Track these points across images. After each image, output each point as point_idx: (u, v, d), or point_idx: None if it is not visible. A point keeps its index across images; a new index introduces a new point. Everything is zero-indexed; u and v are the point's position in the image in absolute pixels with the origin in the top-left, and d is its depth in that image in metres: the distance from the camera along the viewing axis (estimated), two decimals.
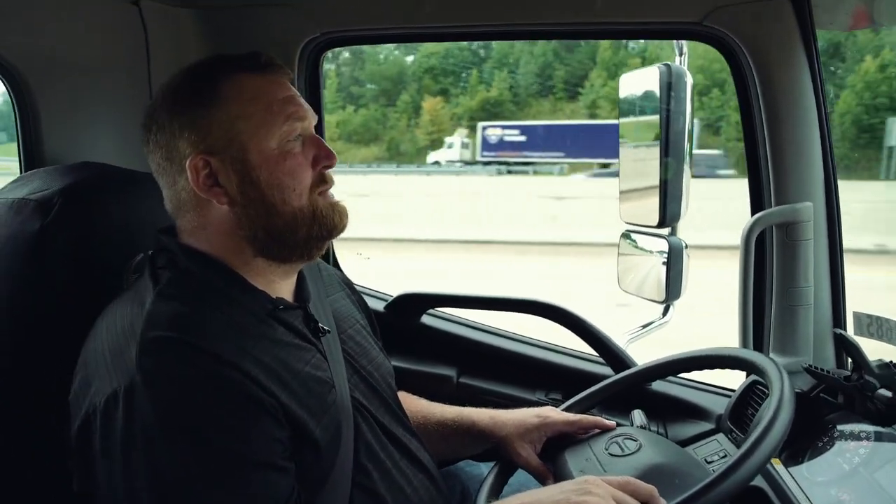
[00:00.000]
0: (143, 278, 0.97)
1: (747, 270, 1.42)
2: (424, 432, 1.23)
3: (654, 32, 1.53)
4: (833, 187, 1.40)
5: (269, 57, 1.00)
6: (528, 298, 1.64)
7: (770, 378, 1.02)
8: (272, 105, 0.97)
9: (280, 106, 0.97)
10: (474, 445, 1.26)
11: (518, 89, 18.69)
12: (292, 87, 1.02)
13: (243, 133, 0.95)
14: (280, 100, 0.98)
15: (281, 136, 0.96)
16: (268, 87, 0.98)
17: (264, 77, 0.99)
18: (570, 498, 0.90)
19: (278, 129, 0.96)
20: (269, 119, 0.96)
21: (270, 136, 0.96)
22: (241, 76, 0.97)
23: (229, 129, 0.95)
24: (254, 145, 0.95)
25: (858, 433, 1.15)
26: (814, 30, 1.35)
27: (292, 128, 0.97)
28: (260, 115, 0.96)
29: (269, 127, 0.96)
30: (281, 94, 0.98)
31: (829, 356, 1.44)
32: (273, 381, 0.89)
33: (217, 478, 0.82)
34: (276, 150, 0.96)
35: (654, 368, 1.25)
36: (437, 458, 1.21)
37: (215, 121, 0.95)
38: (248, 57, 0.99)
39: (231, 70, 0.98)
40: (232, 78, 0.97)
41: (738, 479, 0.87)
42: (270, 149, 0.96)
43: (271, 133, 0.96)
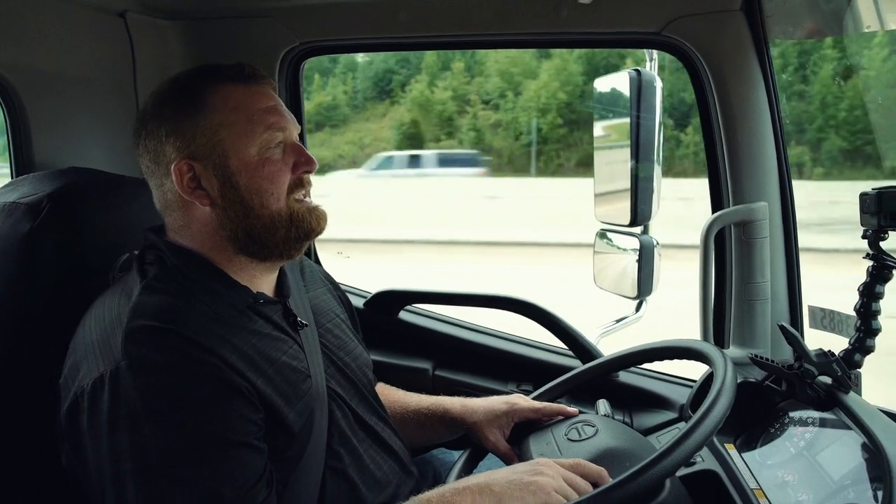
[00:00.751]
0: (131, 273, 1.03)
1: (707, 267, 1.49)
2: (402, 421, 1.30)
3: (617, 42, 1.60)
4: (787, 187, 1.48)
5: (252, 68, 1.07)
6: (502, 295, 1.71)
7: (715, 365, 1.09)
8: (253, 115, 1.03)
9: (261, 116, 1.03)
10: (448, 432, 1.32)
11: (357, 94, 18.98)
12: (276, 97, 1.08)
13: (225, 140, 1.02)
14: (261, 110, 1.04)
15: (261, 144, 1.03)
16: (250, 97, 1.04)
17: (248, 87, 1.05)
18: (521, 478, 0.96)
19: (258, 137, 1.02)
20: (249, 128, 1.02)
21: (251, 144, 1.02)
22: (225, 86, 1.04)
23: (212, 136, 1.01)
24: (234, 152, 1.02)
25: (805, 419, 1.22)
26: (766, 40, 1.43)
27: (272, 136, 1.03)
28: (241, 124, 1.02)
29: (250, 135, 1.02)
30: (263, 105, 1.05)
31: (786, 348, 1.50)
32: (249, 367, 0.95)
33: (195, 456, 0.88)
34: (255, 157, 1.02)
35: (617, 360, 1.32)
36: (413, 445, 1.28)
37: (199, 128, 1.01)
38: (232, 68, 1.05)
39: (216, 80, 1.04)
40: (216, 88, 1.03)
41: (679, 456, 0.93)
42: (250, 155, 1.02)
43: (252, 141, 1.02)
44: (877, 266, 1.12)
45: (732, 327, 1.52)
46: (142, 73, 1.55)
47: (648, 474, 0.92)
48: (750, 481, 1.16)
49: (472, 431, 1.27)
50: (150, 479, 0.87)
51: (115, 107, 1.51)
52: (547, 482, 0.95)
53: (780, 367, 1.21)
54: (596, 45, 1.67)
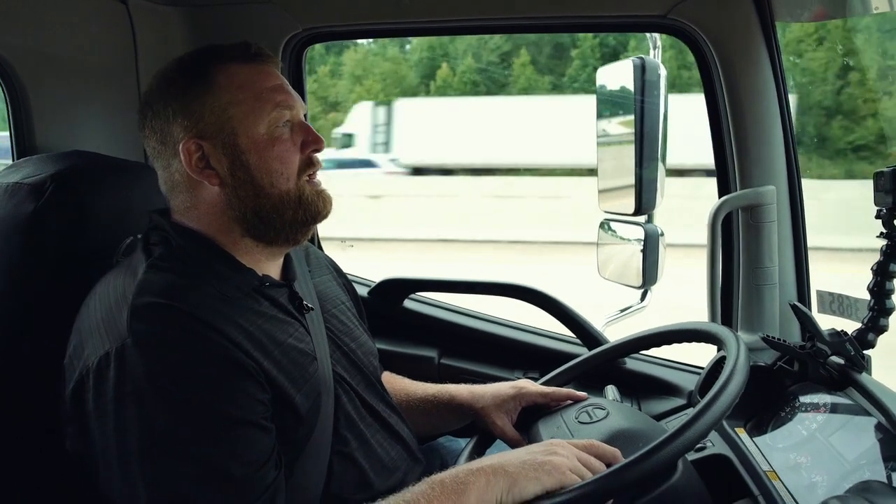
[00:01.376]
0: (136, 253, 1.02)
1: (714, 251, 1.48)
2: (408, 409, 1.29)
3: (622, 25, 1.59)
4: (795, 171, 1.47)
5: (258, 47, 1.06)
6: (507, 282, 1.70)
7: (727, 345, 1.07)
8: (261, 93, 1.02)
9: (269, 94, 1.03)
10: (455, 419, 1.31)
11: None
12: (281, 76, 1.07)
13: (234, 119, 1.01)
14: (269, 88, 1.03)
15: (270, 122, 1.02)
16: (257, 75, 1.04)
17: (254, 66, 1.04)
18: (535, 458, 0.95)
19: (267, 115, 1.02)
20: (258, 106, 1.02)
21: (259, 122, 1.02)
22: (231, 65, 1.03)
23: (221, 114, 1.01)
24: (243, 130, 1.01)
25: (817, 402, 1.21)
26: (773, 22, 1.42)
27: (280, 115, 1.03)
28: (249, 102, 1.01)
29: (259, 113, 1.02)
30: (270, 83, 1.04)
31: (795, 332, 1.50)
32: (256, 348, 0.94)
33: (202, 433, 0.86)
34: (265, 136, 1.02)
35: (626, 344, 1.30)
36: (420, 433, 1.27)
37: (207, 107, 1.01)
38: (238, 47, 1.05)
39: (222, 59, 1.03)
40: (223, 67, 1.03)
41: (692, 435, 0.92)
42: (260, 134, 1.02)
43: (260, 119, 1.02)
44: (891, 245, 1.11)
45: (740, 312, 1.51)
46: (143, 60, 1.53)
47: (662, 453, 0.90)
48: (763, 464, 1.15)
49: (480, 417, 1.25)
50: (157, 456, 0.85)
51: (116, 92, 1.50)
52: (562, 462, 0.93)
53: (792, 347, 1.20)
54: (600, 28, 1.67)
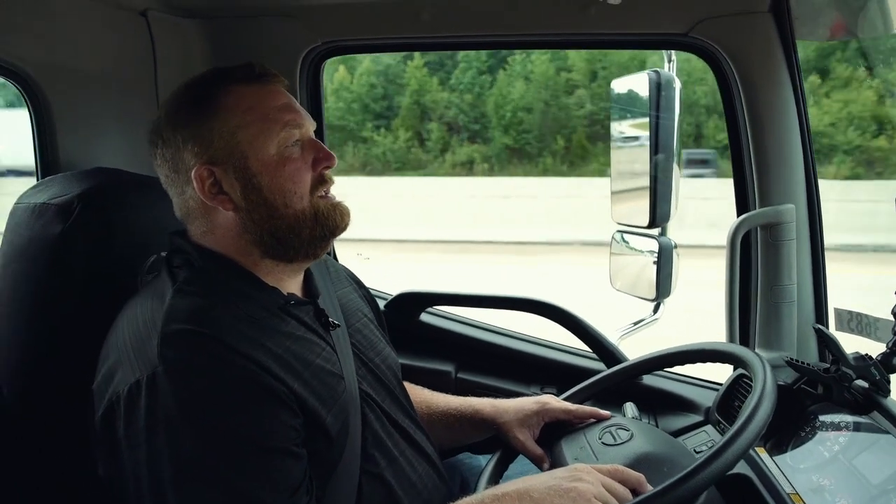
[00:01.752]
0: (161, 276, 1.02)
1: (733, 269, 1.49)
2: (429, 421, 1.28)
3: (643, 43, 1.59)
4: (814, 190, 1.47)
5: (262, 67, 1.06)
6: (525, 297, 1.70)
7: (754, 370, 1.08)
8: (269, 113, 1.02)
9: (276, 114, 1.02)
10: (477, 433, 1.31)
11: None
12: (288, 94, 1.07)
13: (243, 142, 1.01)
14: (276, 108, 1.03)
15: (279, 142, 1.02)
16: (264, 96, 1.03)
17: (260, 87, 1.04)
18: (561, 484, 0.95)
19: (276, 135, 1.02)
20: (266, 127, 1.01)
21: (269, 144, 1.01)
22: (237, 87, 1.03)
23: (229, 139, 1.00)
24: (253, 153, 1.01)
25: (838, 423, 1.21)
26: (794, 41, 1.42)
27: (290, 134, 1.03)
28: (257, 123, 1.01)
29: (267, 135, 1.01)
30: (277, 103, 1.04)
31: (812, 351, 1.51)
32: (286, 371, 0.94)
33: (234, 462, 0.87)
34: (275, 157, 1.02)
35: (647, 362, 1.31)
36: (440, 447, 1.26)
37: (216, 132, 1.00)
38: (242, 69, 1.04)
39: (227, 82, 1.03)
40: (229, 90, 1.02)
41: (722, 464, 0.92)
42: (270, 155, 1.01)
43: (269, 140, 1.01)
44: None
45: (758, 330, 1.51)
46: (162, 72, 1.53)
47: (692, 482, 0.91)
48: (785, 486, 1.15)
49: (502, 432, 1.25)
50: (189, 485, 0.85)
51: (136, 105, 1.50)
52: (587, 489, 0.93)
53: (816, 370, 1.20)
54: (622, 46, 1.66)
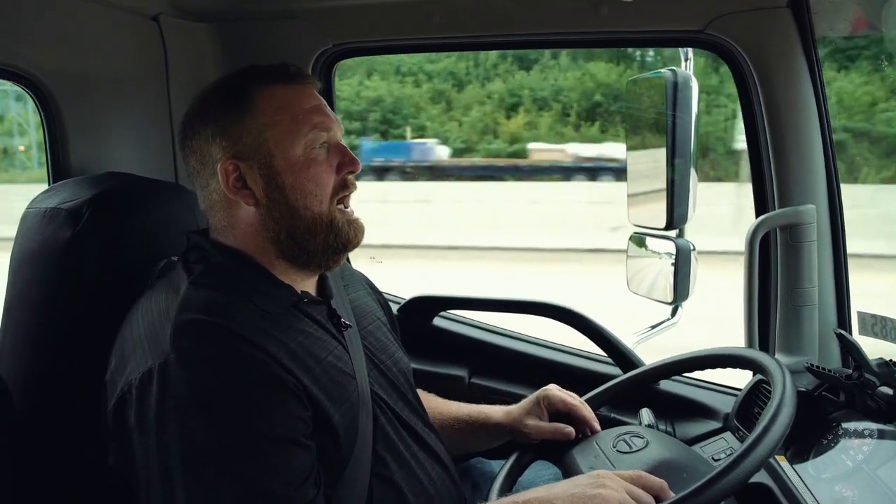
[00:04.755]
0: (177, 271, 1.03)
1: (752, 272, 1.45)
2: (440, 428, 1.27)
3: (659, 41, 1.57)
4: (835, 190, 1.43)
5: (297, 68, 1.07)
6: (538, 300, 1.68)
7: (773, 376, 1.05)
8: (299, 115, 1.03)
9: (306, 115, 1.03)
10: (489, 439, 1.30)
11: None
12: (319, 96, 1.08)
13: (270, 140, 1.02)
14: (306, 109, 1.04)
15: (306, 143, 1.02)
16: (295, 97, 1.04)
17: (292, 87, 1.05)
18: (584, 491, 0.93)
19: (303, 137, 1.02)
20: (294, 128, 1.02)
21: (296, 144, 1.02)
22: (270, 87, 1.03)
23: (258, 136, 1.01)
24: (280, 152, 1.02)
25: (862, 431, 1.17)
26: (814, 37, 1.38)
27: (317, 136, 1.03)
28: (286, 123, 1.02)
29: (295, 135, 1.02)
30: (307, 105, 1.04)
31: (834, 355, 1.47)
32: (297, 365, 0.94)
33: (243, 451, 0.87)
34: (301, 157, 1.02)
35: (665, 367, 1.28)
36: (452, 453, 1.25)
37: (245, 128, 1.01)
38: (277, 68, 1.05)
39: (261, 81, 1.04)
40: (262, 88, 1.03)
41: (742, 472, 0.90)
42: (296, 156, 1.02)
43: (297, 141, 1.02)
44: None
45: (778, 334, 1.48)
46: (174, 77, 1.54)
47: (715, 488, 0.89)
48: (806, 496, 1.12)
49: (514, 431, 1.25)
50: (199, 473, 0.86)
51: (147, 110, 1.51)
52: (611, 495, 0.92)
53: (838, 377, 1.16)
54: (636, 44, 1.64)
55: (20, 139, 11.24)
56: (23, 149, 10.71)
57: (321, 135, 1.03)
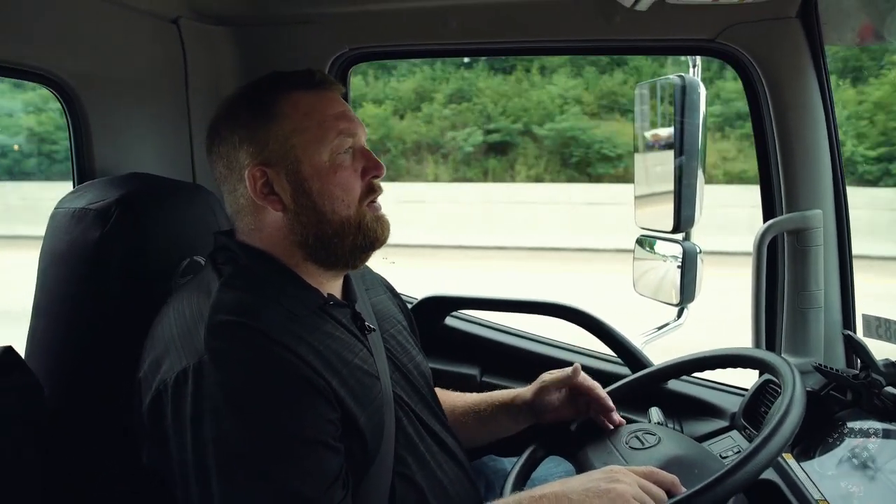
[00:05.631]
0: (207, 272, 1.05)
1: (759, 275, 1.48)
2: (463, 418, 1.31)
3: (670, 49, 1.60)
4: (842, 195, 1.47)
5: (322, 74, 1.08)
6: (549, 301, 1.70)
7: (783, 376, 1.08)
8: (325, 121, 1.04)
9: (332, 122, 1.05)
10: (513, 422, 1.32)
11: None
12: (344, 102, 1.10)
13: (297, 147, 1.03)
14: (332, 115, 1.05)
15: (332, 149, 1.04)
16: (321, 103, 1.06)
17: (318, 94, 1.07)
18: (598, 485, 0.96)
19: (329, 143, 1.04)
20: (321, 134, 1.04)
21: (322, 150, 1.04)
22: (296, 93, 1.05)
23: (285, 142, 1.03)
24: (306, 158, 1.03)
25: (867, 429, 1.20)
26: (822, 46, 1.42)
27: (343, 142, 1.05)
28: (313, 130, 1.04)
29: (322, 141, 1.04)
30: (333, 111, 1.06)
31: (840, 357, 1.50)
32: (325, 367, 0.96)
33: (275, 453, 0.89)
34: (327, 163, 1.04)
35: (675, 366, 1.31)
36: (474, 443, 1.30)
37: (272, 135, 1.03)
38: (302, 74, 1.07)
39: (287, 87, 1.06)
40: (288, 95, 1.05)
41: (752, 469, 0.93)
42: (322, 161, 1.04)
43: (323, 147, 1.04)
44: None
45: (785, 335, 1.51)
46: (193, 79, 1.56)
47: (726, 484, 0.91)
48: (813, 492, 1.15)
49: (537, 407, 1.27)
50: (232, 474, 0.88)
51: (167, 112, 1.53)
52: (625, 489, 0.94)
53: (846, 376, 1.20)
54: (648, 52, 1.67)
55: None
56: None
57: (347, 140, 1.05)
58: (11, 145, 9.13)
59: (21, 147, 9.17)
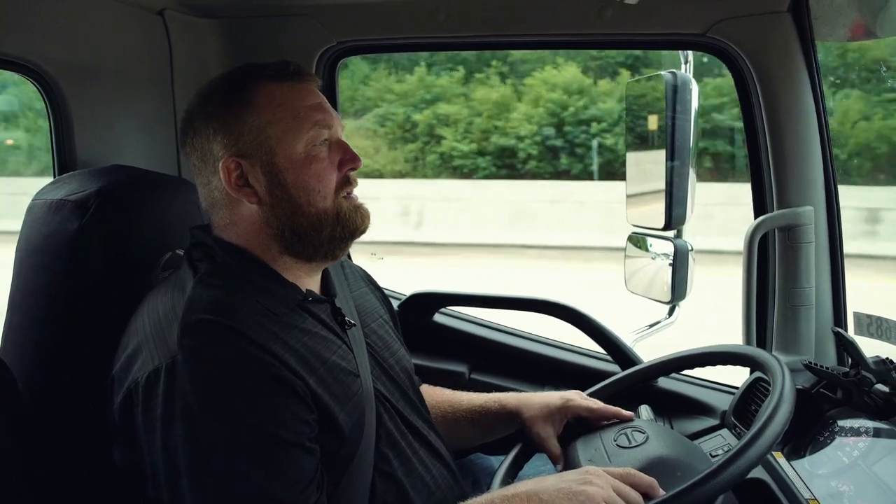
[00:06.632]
0: (182, 269, 1.03)
1: (750, 272, 1.47)
2: (453, 420, 1.29)
3: (660, 43, 1.59)
4: (833, 191, 1.46)
5: (297, 65, 1.06)
6: (539, 298, 1.69)
7: (772, 373, 1.06)
8: (300, 112, 1.03)
9: (307, 112, 1.03)
10: (501, 427, 1.29)
11: None
12: (320, 94, 1.08)
13: (272, 138, 1.01)
14: (307, 106, 1.04)
15: (307, 140, 1.02)
16: (296, 94, 1.04)
17: (293, 85, 1.05)
18: (570, 487, 0.94)
19: (305, 134, 1.02)
20: (296, 125, 1.02)
21: (297, 141, 1.02)
22: (271, 84, 1.03)
23: (259, 133, 1.01)
24: (281, 149, 1.02)
25: (858, 428, 1.19)
26: (813, 41, 1.41)
27: (318, 133, 1.03)
28: (288, 121, 1.02)
29: (297, 132, 1.02)
30: (308, 102, 1.04)
31: (831, 355, 1.49)
32: (302, 366, 0.94)
33: (248, 453, 0.87)
34: (302, 154, 1.02)
35: (665, 364, 1.29)
36: (464, 444, 1.28)
37: (246, 126, 1.01)
38: (278, 65, 1.05)
39: (262, 78, 1.04)
40: (263, 86, 1.03)
41: (738, 469, 0.90)
42: (297, 153, 1.02)
43: (298, 138, 1.02)
44: None
45: (775, 333, 1.50)
46: (179, 71, 1.54)
47: (706, 487, 0.89)
48: (803, 491, 1.14)
49: (526, 426, 1.24)
50: (204, 474, 0.86)
51: (152, 104, 1.51)
52: (596, 492, 0.92)
53: (836, 374, 1.18)
54: (638, 46, 1.66)
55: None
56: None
57: (322, 132, 1.03)
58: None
59: None
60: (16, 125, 8.65)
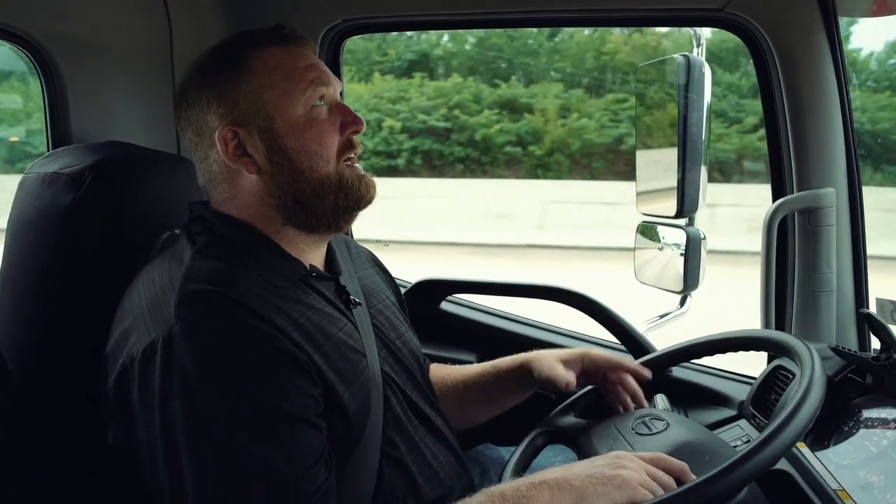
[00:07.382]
0: (180, 242, 0.98)
1: (769, 256, 1.43)
2: (464, 391, 1.27)
3: (675, 19, 1.54)
4: (855, 173, 1.41)
5: (291, 29, 1.02)
6: (548, 284, 1.64)
7: (801, 358, 1.01)
8: (294, 73, 0.99)
9: (301, 73, 0.99)
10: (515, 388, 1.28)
11: None
12: (315, 56, 1.04)
13: (269, 102, 0.97)
14: (302, 67, 1.00)
15: (305, 101, 0.98)
16: (290, 57, 1.00)
17: (287, 48, 1.01)
18: (603, 472, 0.90)
19: (302, 95, 0.98)
20: (292, 87, 0.98)
21: (295, 103, 0.98)
22: (264, 49, 0.99)
23: (255, 99, 0.97)
24: (279, 113, 0.98)
25: (885, 417, 1.14)
26: (836, 17, 1.36)
27: (316, 91, 0.99)
28: (283, 83, 0.98)
29: (293, 94, 0.98)
30: (303, 63, 1.00)
31: (852, 343, 1.44)
32: (306, 340, 0.90)
33: (250, 428, 0.82)
34: (302, 117, 0.98)
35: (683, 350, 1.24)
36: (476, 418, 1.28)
37: (241, 92, 0.97)
38: (271, 30, 1.01)
39: (254, 44, 1.00)
40: (255, 51, 0.99)
41: (769, 455, 0.86)
42: (296, 116, 0.98)
43: (296, 100, 0.98)
44: None
45: (795, 319, 1.45)
46: (178, 48, 1.49)
47: (740, 471, 0.85)
48: (831, 482, 1.09)
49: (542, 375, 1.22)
50: (204, 450, 0.82)
51: (151, 81, 1.46)
52: (631, 476, 0.88)
53: (866, 358, 1.13)
54: (653, 22, 1.62)
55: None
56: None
57: (319, 90, 0.99)
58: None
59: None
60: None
